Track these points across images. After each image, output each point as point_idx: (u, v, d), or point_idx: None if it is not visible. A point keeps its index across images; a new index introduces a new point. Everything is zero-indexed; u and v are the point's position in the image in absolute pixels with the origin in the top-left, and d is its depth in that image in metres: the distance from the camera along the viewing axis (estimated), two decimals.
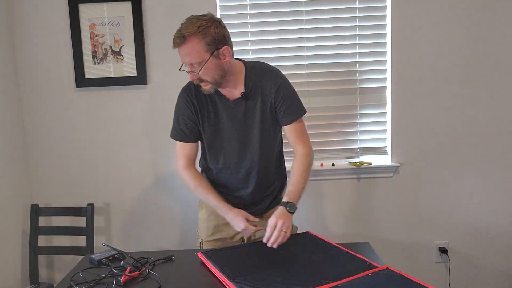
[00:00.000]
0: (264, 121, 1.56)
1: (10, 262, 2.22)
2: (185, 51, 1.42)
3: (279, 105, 1.55)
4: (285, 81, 1.58)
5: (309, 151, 1.60)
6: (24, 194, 2.35)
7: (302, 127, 1.61)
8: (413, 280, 1.14)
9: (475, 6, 2.24)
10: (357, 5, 2.30)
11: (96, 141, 2.37)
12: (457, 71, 2.29)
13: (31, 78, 2.33)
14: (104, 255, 1.47)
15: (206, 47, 1.42)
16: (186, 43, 1.40)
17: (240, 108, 1.55)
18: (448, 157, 2.35)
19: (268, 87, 1.55)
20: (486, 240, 2.40)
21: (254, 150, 1.58)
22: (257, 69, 1.59)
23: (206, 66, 1.43)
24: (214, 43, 1.43)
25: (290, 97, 1.58)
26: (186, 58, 1.43)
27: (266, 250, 1.43)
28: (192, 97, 1.57)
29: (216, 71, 1.46)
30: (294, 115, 1.58)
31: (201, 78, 1.46)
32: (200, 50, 1.42)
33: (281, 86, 1.55)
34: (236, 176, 1.62)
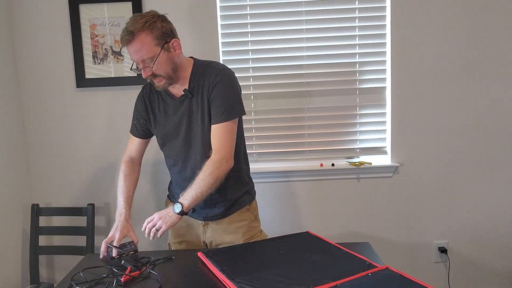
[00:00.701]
0: (204, 118, 1.54)
1: (10, 262, 2.22)
2: (136, 48, 1.42)
3: (212, 104, 1.52)
4: (224, 80, 1.52)
5: (220, 160, 1.48)
6: (25, 194, 2.35)
7: (226, 131, 1.51)
8: (413, 280, 1.14)
9: (475, 6, 2.24)
10: (357, 5, 2.30)
11: (96, 141, 2.37)
12: (457, 71, 2.29)
13: (32, 78, 2.33)
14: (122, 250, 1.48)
15: (156, 41, 1.44)
16: (135, 39, 1.41)
17: (184, 105, 1.56)
18: (448, 157, 2.35)
19: (207, 85, 1.52)
20: (486, 240, 2.40)
21: (198, 149, 1.57)
22: (204, 67, 1.58)
23: (158, 61, 1.45)
24: (162, 37, 1.45)
25: (222, 97, 1.50)
26: (138, 55, 1.43)
27: (266, 250, 1.43)
28: (146, 95, 1.65)
29: (168, 65, 1.48)
30: (220, 116, 1.50)
31: (155, 73, 1.47)
32: (150, 45, 1.43)
33: (217, 84, 1.50)
34: (184, 175, 1.61)
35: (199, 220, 1.66)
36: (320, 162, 2.38)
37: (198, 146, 1.56)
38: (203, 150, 1.56)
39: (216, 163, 1.48)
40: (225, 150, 1.50)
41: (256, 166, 2.37)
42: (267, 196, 2.39)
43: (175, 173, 1.67)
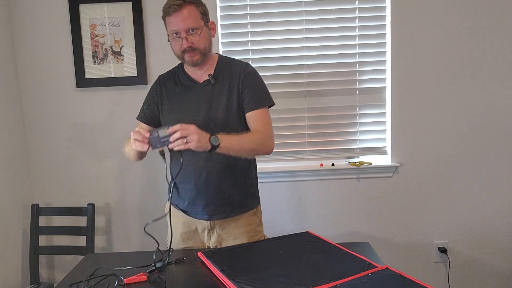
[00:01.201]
0: (230, 107, 1.53)
1: (10, 261, 2.22)
2: (184, 15, 1.43)
3: (245, 91, 1.53)
4: (254, 71, 1.59)
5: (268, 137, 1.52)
6: (25, 194, 2.36)
7: (265, 116, 1.55)
8: (412, 280, 1.14)
9: (474, 6, 2.24)
10: (357, 5, 2.30)
11: (96, 141, 2.37)
12: (457, 71, 2.29)
13: (32, 78, 2.33)
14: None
15: (201, 15, 1.47)
16: (185, 7, 1.43)
17: (207, 90, 1.55)
18: (448, 157, 2.35)
19: (237, 73, 1.55)
20: (486, 240, 2.40)
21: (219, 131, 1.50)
22: (229, 59, 1.63)
23: (203, 33, 1.47)
24: (205, 14, 1.50)
25: (257, 86, 1.56)
26: (185, 22, 1.43)
27: (266, 250, 1.43)
28: (162, 81, 1.63)
29: (208, 41, 1.51)
30: (257, 102, 1.54)
31: (194, 46, 1.46)
32: (197, 16, 1.46)
33: (250, 73, 1.56)
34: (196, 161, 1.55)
35: (204, 221, 1.61)
36: (320, 162, 2.38)
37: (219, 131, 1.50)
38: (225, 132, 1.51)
39: (266, 135, 1.51)
40: (271, 131, 1.54)
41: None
42: (267, 196, 2.39)
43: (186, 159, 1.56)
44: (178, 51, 1.50)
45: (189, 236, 1.65)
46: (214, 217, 1.59)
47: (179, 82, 1.60)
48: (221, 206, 1.59)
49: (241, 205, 1.62)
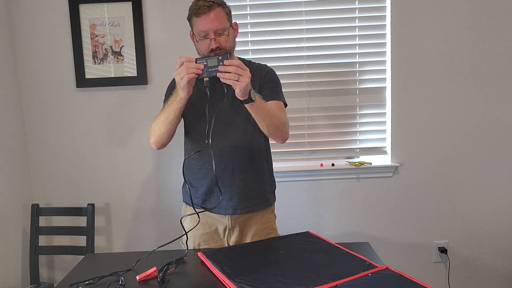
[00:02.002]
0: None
1: (10, 262, 2.22)
2: (214, 17, 1.46)
3: (265, 85, 1.59)
4: (275, 72, 1.66)
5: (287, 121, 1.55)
6: (25, 194, 2.36)
7: (283, 108, 1.59)
8: (412, 280, 1.14)
9: (474, 6, 2.24)
10: (357, 5, 2.30)
11: (96, 141, 2.37)
12: (457, 71, 2.29)
13: (32, 78, 2.33)
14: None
15: (227, 17, 1.52)
16: (214, 9, 1.46)
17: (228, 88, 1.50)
18: (448, 157, 2.35)
19: (257, 71, 1.60)
20: (486, 240, 2.40)
21: (238, 130, 1.56)
22: (247, 61, 1.66)
23: (230, 34, 1.50)
24: (230, 16, 1.55)
25: (277, 83, 1.63)
26: (214, 23, 1.46)
27: (266, 250, 1.43)
28: None
29: (233, 42, 1.55)
30: (276, 95, 1.59)
31: (221, 46, 1.48)
32: (225, 18, 1.50)
33: (271, 72, 1.64)
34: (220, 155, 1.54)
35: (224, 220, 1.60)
36: (320, 162, 2.38)
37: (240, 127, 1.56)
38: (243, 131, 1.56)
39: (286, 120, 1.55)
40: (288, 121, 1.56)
41: None
42: None
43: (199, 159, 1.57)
44: (205, 51, 1.50)
45: (211, 237, 1.64)
46: (238, 211, 1.60)
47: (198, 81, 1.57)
48: (246, 199, 1.60)
49: (265, 199, 1.66)
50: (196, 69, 1.35)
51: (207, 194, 1.61)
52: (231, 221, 1.61)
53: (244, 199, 1.60)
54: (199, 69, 1.35)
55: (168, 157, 2.34)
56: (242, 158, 1.57)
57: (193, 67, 1.34)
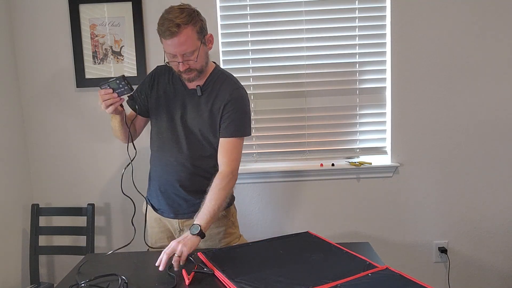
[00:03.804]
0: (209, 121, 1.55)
1: (10, 262, 2.22)
2: (181, 40, 1.40)
3: (225, 116, 1.54)
4: (241, 98, 1.57)
5: (230, 172, 1.53)
6: (25, 194, 2.35)
7: (235, 146, 1.55)
8: (413, 280, 1.14)
9: (474, 6, 2.24)
10: (357, 5, 2.30)
11: (96, 141, 2.37)
12: (457, 70, 2.29)
13: (32, 78, 2.33)
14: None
15: (197, 35, 1.44)
16: (181, 32, 1.39)
17: (193, 98, 1.57)
18: (448, 157, 2.35)
19: (223, 95, 1.54)
20: (486, 240, 2.40)
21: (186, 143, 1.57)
22: (224, 75, 1.60)
23: (199, 54, 1.45)
24: (202, 31, 1.46)
25: (238, 114, 1.55)
26: (181, 48, 1.41)
27: (266, 250, 1.43)
28: (157, 74, 1.64)
29: (204, 59, 1.51)
30: (233, 131, 1.54)
31: (191, 67, 1.46)
32: (194, 39, 1.43)
33: (234, 99, 1.54)
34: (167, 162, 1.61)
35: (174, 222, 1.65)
36: (320, 162, 2.38)
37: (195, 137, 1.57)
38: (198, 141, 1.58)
39: (229, 175, 1.52)
40: (235, 164, 1.55)
41: (256, 166, 2.37)
42: (267, 196, 2.39)
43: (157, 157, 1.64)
44: (176, 70, 1.51)
45: (165, 236, 1.68)
46: (179, 217, 1.63)
47: (172, 81, 1.61)
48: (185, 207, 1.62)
49: None
50: (111, 97, 1.41)
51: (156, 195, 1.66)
52: (179, 224, 1.65)
53: (185, 206, 1.62)
54: (112, 95, 1.42)
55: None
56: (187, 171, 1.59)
57: (108, 97, 1.41)
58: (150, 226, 1.71)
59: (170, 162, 1.60)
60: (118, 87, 1.42)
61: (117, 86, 1.42)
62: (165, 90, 1.61)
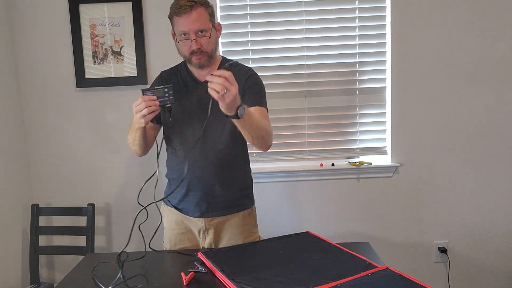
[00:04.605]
0: None
1: (10, 262, 2.22)
2: (195, 17, 1.42)
3: (246, 91, 1.52)
4: (257, 76, 1.60)
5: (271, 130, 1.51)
6: (25, 194, 2.35)
7: (266, 114, 1.54)
8: (413, 280, 1.14)
9: (475, 6, 2.24)
10: (357, 5, 2.30)
11: (96, 141, 2.37)
12: (457, 71, 2.29)
13: (32, 78, 2.33)
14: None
15: (209, 17, 1.47)
16: (195, 9, 1.42)
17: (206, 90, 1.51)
18: (448, 157, 2.35)
19: (240, 76, 1.51)
20: (486, 240, 2.40)
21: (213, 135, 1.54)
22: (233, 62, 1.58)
23: (211, 35, 1.47)
24: (213, 16, 1.49)
25: (259, 87, 1.57)
26: (195, 24, 1.42)
27: (266, 250, 1.43)
28: (165, 76, 1.63)
29: (215, 43, 1.52)
30: (258, 100, 1.54)
31: (203, 48, 1.46)
32: (207, 18, 1.45)
33: (253, 75, 1.57)
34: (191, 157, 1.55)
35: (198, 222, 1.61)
36: (320, 162, 2.38)
37: (213, 133, 1.54)
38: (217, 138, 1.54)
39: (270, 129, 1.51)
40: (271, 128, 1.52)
41: (256, 166, 2.37)
42: (267, 196, 2.39)
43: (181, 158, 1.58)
44: (185, 52, 1.49)
45: (186, 237, 1.64)
46: (205, 215, 1.60)
47: (182, 80, 1.60)
48: (213, 204, 1.59)
49: (234, 205, 1.62)
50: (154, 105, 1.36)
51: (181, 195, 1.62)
52: (205, 223, 1.61)
53: (212, 205, 1.59)
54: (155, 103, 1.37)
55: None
56: (211, 164, 1.55)
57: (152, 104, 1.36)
58: (170, 228, 1.66)
59: (197, 160, 1.55)
60: (163, 96, 1.38)
61: (162, 94, 1.38)
62: (178, 90, 1.57)
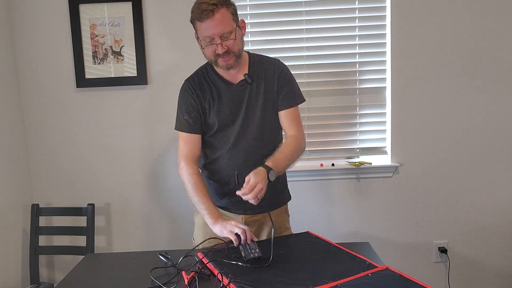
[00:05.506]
0: (267, 105, 1.55)
1: (10, 262, 2.22)
2: (218, 20, 1.38)
3: (280, 89, 1.55)
4: (287, 68, 1.61)
5: (302, 138, 1.59)
6: (25, 194, 2.35)
7: (298, 114, 1.60)
8: (413, 280, 1.14)
9: (475, 6, 2.24)
10: (356, 5, 2.30)
11: (96, 141, 2.37)
12: (457, 71, 2.29)
13: (32, 78, 2.33)
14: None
15: (232, 16, 1.43)
16: (218, 12, 1.37)
17: (244, 91, 1.54)
18: (448, 157, 2.35)
19: (271, 71, 1.56)
20: (486, 240, 2.40)
21: (254, 135, 1.54)
22: (260, 56, 1.62)
23: (237, 35, 1.43)
24: (236, 14, 1.46)
25: (291, 82, 1.59)
26: (219, 28, 1.39)
27: (266, 250, 1.43)
28: (195, 85, 1.56)
29: (241, 42, 1.49)
30: (292, 100, 1.57)
31: (230, 50, 1.43)
32: (230, 19, 1.42)
33: (284, 70, 1.58)
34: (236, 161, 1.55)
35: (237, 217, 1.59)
36: (320, 162, 2.38)
37: (255, 132, 1.54)
38: (260, 136, 1.55)
39: (300, 139, 1.57)
40: (303, 132, 1.61)
41: None
42: None
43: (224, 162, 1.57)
44: (212, 56, 1.46)
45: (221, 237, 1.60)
46: (249, 212, 1.59)
47: (212, 84, 1.56)
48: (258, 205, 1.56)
49: (276, 201, 1.63)
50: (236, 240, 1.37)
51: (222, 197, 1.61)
52: (244, 220, 1.61)
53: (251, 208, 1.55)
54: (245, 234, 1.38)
55: (168, 157, 2.34)
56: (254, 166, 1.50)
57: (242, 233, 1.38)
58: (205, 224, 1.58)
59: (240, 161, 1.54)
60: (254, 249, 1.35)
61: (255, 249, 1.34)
62: (212, 96, 1.55)
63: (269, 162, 1.42)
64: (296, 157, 1.53)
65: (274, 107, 1.57)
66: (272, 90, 1.55)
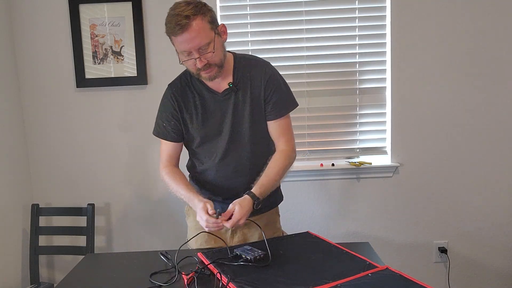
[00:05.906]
0: (255, 114, 1.47)
1: (10, 262, 2.22)
2: (193, 34, 1.29)
3: (268, 98, 1.46)
4: (275, 73, 1.50)
5: (292, 151, 1.51)
6: (25, 194, 2.35)
7: (287, 123, 1.52)
8: (413, 280, 1.14)
9: (474, 7, 2.24)
10: (356, 6, 2.30)
11: (96, 141, 2.37)
12: (457, 71, 2.29)
13: (32, 78, 2.33)
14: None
15: (209, 25, 1.33)
16: (191, 24, 1.28)
17: (229, 101, 1.46)
18: (448, 157, 2.35)
19: (258, 78, 1.46)
20: (486, 240, 2.40)
21: (243, 146, 1.49)
22: (246, 59, 1.50)
23: (216, 46, 1.33)
24: (213, 21, 1.35)
25: (280, 90, 1.49)
26: (195, 41, 1.30)
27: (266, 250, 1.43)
28: (178, 93, 1.50)
29: (222, 51, 1.38)
30: (282, 110, 1.49)
31: (210, 62, 1.34)
32: (206, 29, 1.31)
33: (271, 77, 1.47)
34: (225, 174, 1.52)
35: None
36: (320, 162, 2.38)
37: (244, 142, 1.49)
38: (250, 147, 1.49)
39: (289, 153, 1.50)
40: (293, 142, 1.53)
41: None
42: None
43: (212, 174, 1.54)
44: (193, 70, 1.39)
45: (213, 238, 1.57)
46: None
47: (196, 93, 1.49)
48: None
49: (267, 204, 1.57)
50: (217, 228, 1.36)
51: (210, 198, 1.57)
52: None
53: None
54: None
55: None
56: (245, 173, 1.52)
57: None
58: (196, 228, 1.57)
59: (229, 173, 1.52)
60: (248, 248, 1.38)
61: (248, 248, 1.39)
62: (196, 106, 1.48)
63: (256, 189, 1.39)
64: (284, 174, 1.48)
65: (263, 116, 1.49)
66: (259, 98, 1.46)
